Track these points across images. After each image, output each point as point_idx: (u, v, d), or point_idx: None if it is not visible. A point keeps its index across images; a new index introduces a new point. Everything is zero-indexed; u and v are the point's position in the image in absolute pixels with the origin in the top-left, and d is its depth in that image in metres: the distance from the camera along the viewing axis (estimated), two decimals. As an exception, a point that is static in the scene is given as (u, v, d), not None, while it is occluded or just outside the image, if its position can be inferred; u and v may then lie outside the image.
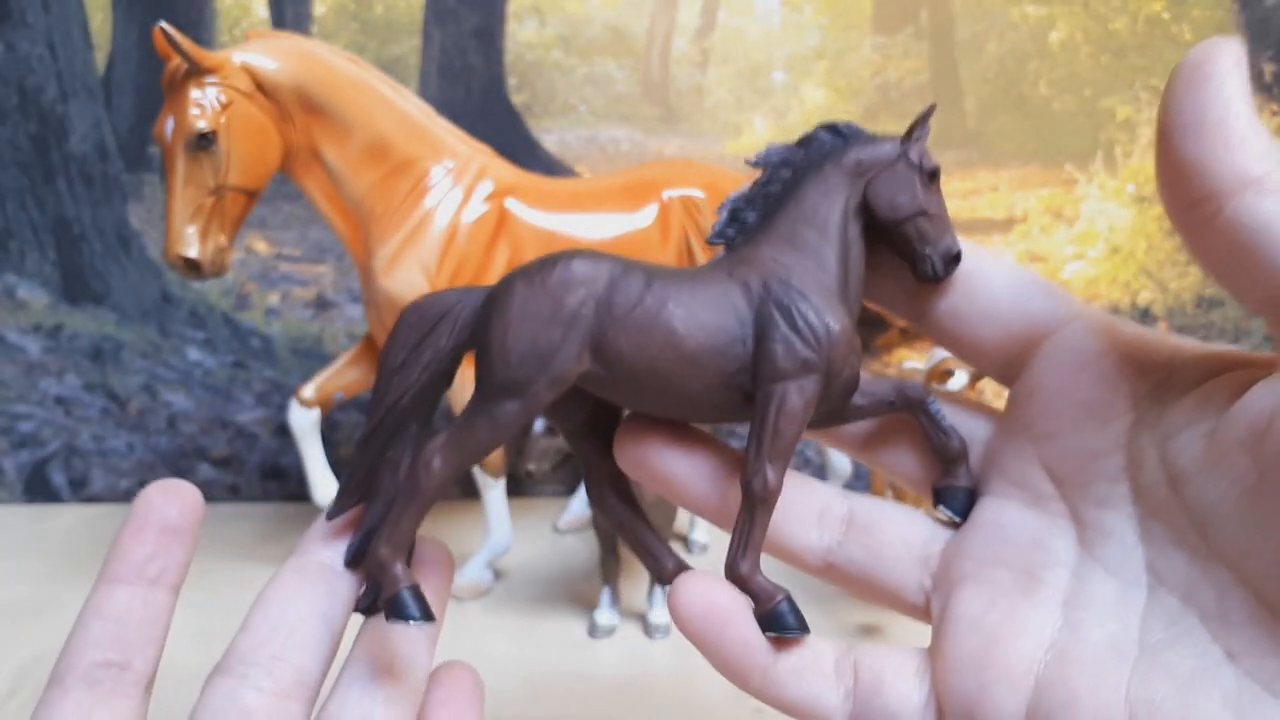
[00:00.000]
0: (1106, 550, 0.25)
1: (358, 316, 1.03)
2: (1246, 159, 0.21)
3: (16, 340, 1.03)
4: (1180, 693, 0.22)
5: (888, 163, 0.28)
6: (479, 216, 0.77)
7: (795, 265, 0.27)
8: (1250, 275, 0.21)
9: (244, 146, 0.72)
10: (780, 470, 0.26)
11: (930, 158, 0.28)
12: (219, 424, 1.05)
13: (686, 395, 0.27)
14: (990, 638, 0.26)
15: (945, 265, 0.27)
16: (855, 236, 0.28)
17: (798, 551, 0.29)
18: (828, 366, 0.26)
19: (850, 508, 0.29)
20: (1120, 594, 0.25)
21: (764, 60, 1.01)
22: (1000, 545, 0.27)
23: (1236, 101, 0.21)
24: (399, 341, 0.29)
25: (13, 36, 0.95)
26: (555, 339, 0.26)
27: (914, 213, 0.27)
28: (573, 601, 0.81)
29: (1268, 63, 0.99)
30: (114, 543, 0.28)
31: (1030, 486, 0.27)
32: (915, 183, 0.27)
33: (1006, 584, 0.26)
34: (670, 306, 0.26)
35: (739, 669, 0.27)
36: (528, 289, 0.27)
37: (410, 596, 0.27)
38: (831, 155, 0.28)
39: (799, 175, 0.28)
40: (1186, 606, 0.23)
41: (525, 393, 0.26)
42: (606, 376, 0.27)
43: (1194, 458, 0.23)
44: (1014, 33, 1.00)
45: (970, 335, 0.28)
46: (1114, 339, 0.26)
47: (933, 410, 0.28)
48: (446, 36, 0.98)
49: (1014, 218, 1.03)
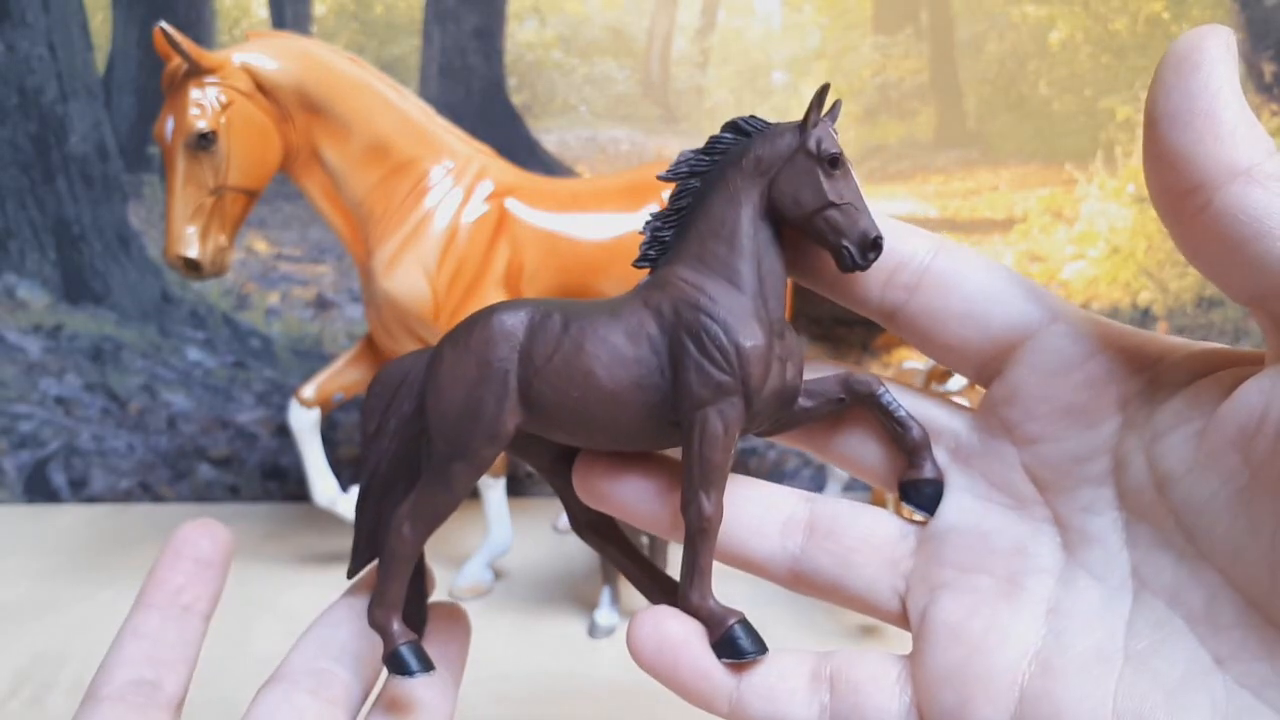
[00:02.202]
0: (1091, 555, 0.25)
1: (358, 316, 1.03)
2: (1235, 149, 0.20)
3: (16, 340, 1.03)
4: (1169, 701, 0.22)
5: (787, 156, 0.26)
6: (479, 216, 0.77)
7: (704, 283, 0.26)
8: (1239, 268, 0.21)
9: (244, 146, 0.72)
10: (715, 496, 0.26)
11: (831, 142, 0.26)
12: (219, 424, 1.05)
13: (619, 430, 0.27)
14: (972, 648, 0.25)
15: (863, 254, 0.25)
16: (766, 241, 0.26)
17: (762, 563, 0.28)
18: (745, 386, 0.25)
19: (813, 512, 0.28)
20: (1105, 600, 0.24)
21: (764, 60, 1.01)
22: (981, 551, 0.26)
23: (1225, 91, 0.21)
24: (369, 410, 0.30)
25: (13, 36, 0.95)
26: (485, 398, 0.26)
27: (819, 206, 0.26)
28: (573, 601, 0.81)
29: (1268, 63, 0.99)
30: (151, 571, 0.29)
31: (1012, 490, 0.26)
32: (817, 174, 0.26)
33: (988, 591, 0.26)
34: (587, 347, 0.26)
35: (702, 698, 0.26)
36: (454, 352, 0.27)
37: (408, 652, 0.28)
38: (733, 158, 0.27)
39: (706, 184, 0.27)
40: (1173, 610, 0.23)
41: (467, 453, 0.27)
42: (542, 424, 0.27)
43: (1183, 458, 0.23)
44: (1014, 33, 1.00)
45: (945, 336, 0.27)
46: (1100, 340, 0.25)
47: (884, 401, 0.27)
48: (446, 36, 0.98)
49: (1014, 218, 1.03)
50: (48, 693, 0.69)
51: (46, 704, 0.68)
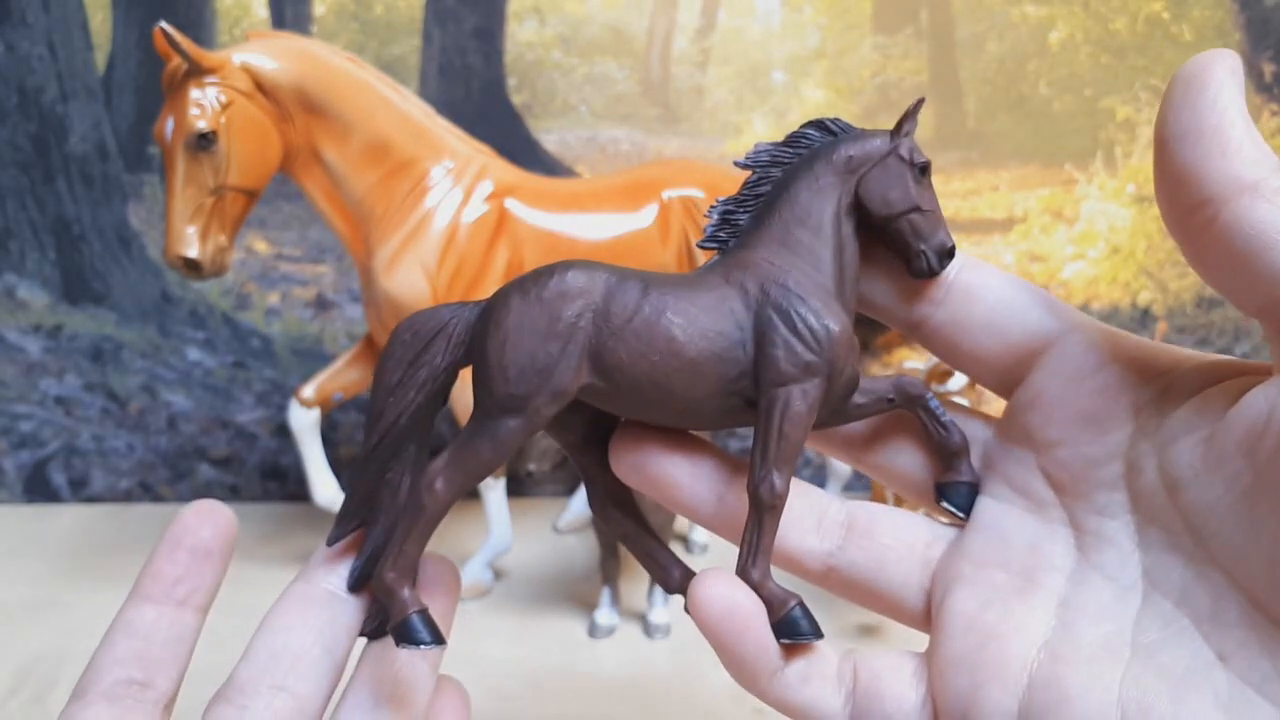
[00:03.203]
0: (1103, 556, 0.25)
1: (358, 316, 1.03)
2: (1242, 165, 0.21)
3: (16, 340, 1.03)
4: (1172, 692, 0.22)
5: (878, 159, 0.27)
6: (479, 216, 0.77)
7: (791, 267, 0.27)
8: (1247, 281, 0.21)
9: (244, 146, 0.72)
10: (787, 476, 0.26)
11: (920, 152, 0.28)
12: (219, 424, 1.05)
13: (688, 403, 0.27)
14: (985, 636, 0.26)
15: (940, 260, 0.27)
16: (849, 235, 0.28)
17: (799, 557, 0.29)
18: (830, 368, 0.26)
19: (850, 512, 0.29)
20: (1116, 598, 0.25)
21: (764, 60, 1.01)
22: (998, 548, 0.27)
23: (1232, 110, 0.22)
24: (394, 359, 0.28)
25: (13, 36, 0.95)
26: (554, 353, 0.26)
27: (907, 209, 0.27)
28: (573, 601, 0.81)
29: (1268, 63, 0.99)
30: (147, 561, 0.28)
31: (1030, 493, 0.27)
32: (907, 178, 0.27)
33: (1003, 586, 0.27)
34: (669, 314, 0.26)
35: (751, 672, 0.27)
36: (523, 303, 0.26)
37: (420, 621, 0.27)
38: (821, 153, 0.28)
39: (789, 175, 0.28)
40: (1180, 610, 0.23)
41: (526, 409, 0.26)
42: (607, 387, 0.26)
43: (1191, 463, 0.23)
44: (1014, 33, 1.00)
45: (968, 346, 0.28)
46: (1114, 351, 0.26)
47: (932, 405, 0.28)
48: (446, 36, 0.98)
49: (1014, 218, 1.03)
50: (48, 693, 0.69)
51: (46, 704, 0.68)
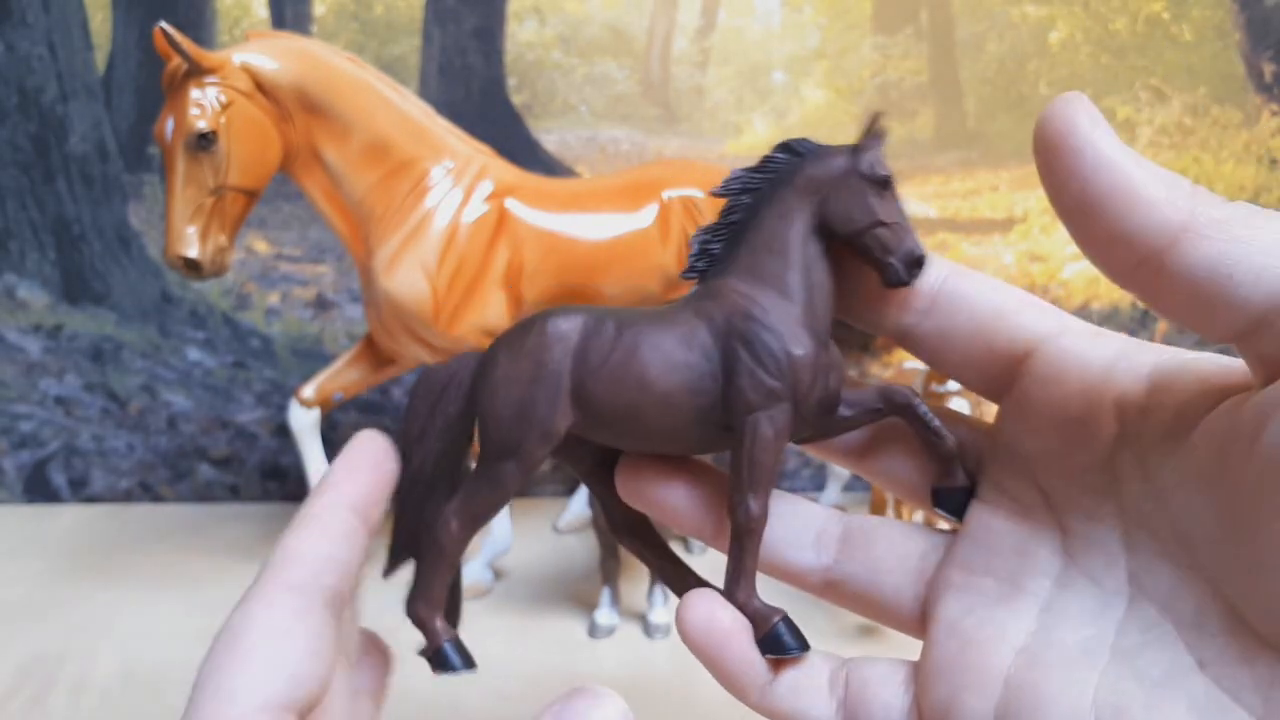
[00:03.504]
0: (1090, 560, 0.25)
1: (358, 316, 1.03)
2: (1163, 210, 0.21)
3: (16, 340, 1.03)
4: (1148, 697, 0.22)
5: (840, 177, 0.28)
6: (479, 216, 0.77)
7: (757, 295, 0.28)
8: (1209, 316, 0.21)
9: (244, 146, 0.72)
10: (762, 499, 0.27)
11: (881, 165, 0.28)
12: (219, 424, 1.05)
13: (666, 433, 0.28)
14: (965, 642, 0.26)
15: (909, 270, 0.27)
16: (816, 255, 0.28)
17: (798, 572, 0.30)
18: (795, 393, 0.27)
19: (846, 525, 0.30)
20: (1100, 602, 0.25)
21: (764, 60, 1.01)
22: (987, 554, 0.27)
23: (1118, 157, 0.21)
24: (415, 412, 0.31)
25: (13, 36, 0.95)
26: (539, 398, 0.28)
27: (869, 224, 0.27)
28: (573, 601, 0.81)
29: (1268, 63, 0.99)
30: (329, 474, 0.28)
31: (1020, 498, 0.27)
32: (868, 193, 0.27)
33: (989, 592, 0.26)
34: (641, 351, 0.28)
35: (739, 685, 0.28)
36: (509, 355, 0.29)
37: (451, 649, 0.29)
38: (786, 176, 0.28)
39: (758, 200, 0.29)
40: (1164, 616, 0.23)
41: (519, 453, 0.28)
42: (592, 425, 0.28)
43: (1175, 470, 0.23)
44: (1014, 33, 1.00)
45: (956, 354, 0.28)
46: (1098, 352, 0.26)
47: (920, 411, 0.28)
48: (446, 36, 0.98)
49: (1014, 218, 1.03)
50: (48, 693, 0.69)
51: (46, 704, 0.68)
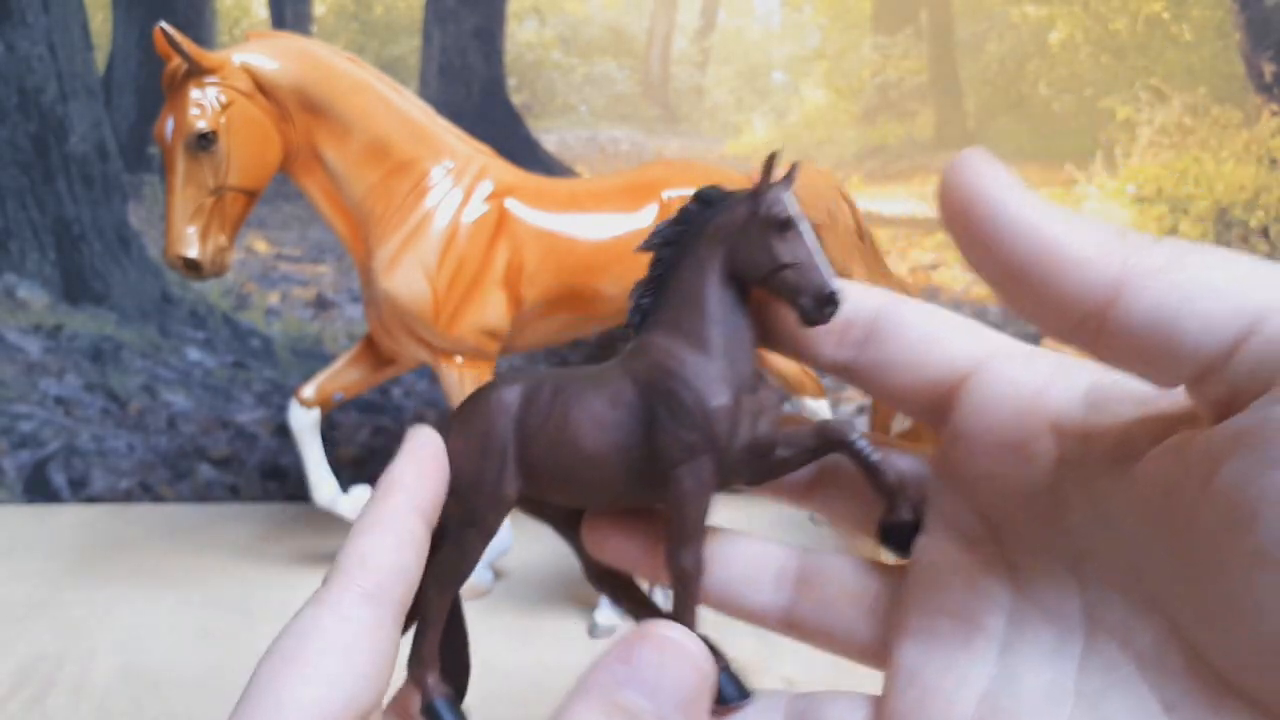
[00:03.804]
0: (1042, 594, 0.24)
1: (358, 316, 1.03)
2: (1096, 268, 0.20)
3: (16, 340, 1.03)
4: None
5: (743, 224, 0.28)
6: (479, 216, 0.77)
7: (675, 349, 0.28)
8: (1158, 366, 0.20)
9: (244, 147, 0.72)
10: (693, 551, 0.27)
11: (781, 207, 0.27)
12: (219, 424, 1.05)
13: (604, 491, 0.29)
14: (925, 689, 0.25)
15: (819, 308, 0.26)
16: (731, 304, 0.28)
17: (758, 613, 0.29)
18: (714, 444, 0.27)
19: (802, 563, 0.29)
20: (1057, 639, 0.24)
21: (764, 60, 1.01)
22: (939, 592, 0.26)
23: (1034, 218, 0.20)
24: None
25: (13, 36, 0.95)
26: (488, 469, 0.29)
27: (773, 269, 0.27)
28: (573, 601, 0.81)
29: (1268, 63, 0.99)
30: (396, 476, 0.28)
31: (964, 529, 0.26)
32: (769, 238, 0.27)
33: (945, 634, 0.25)
34: (571, 414, 0.28)
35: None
36: (460, 429, 0.30)
37: (443, 706, 0.30)
38: (698, 227, 0.29)
39: (677, 253, 0.29)
40: (1124, 653, 0.22)
41: (476, 520, 0.29)
42: (538, 487, 0.29)
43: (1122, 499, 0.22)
44: (1014, 33, 1.00)
45: (894, 385, 0.27)
46: (1031, 374, 0.25)
47: (858, 447, 0.27)
48: (446, 36, 0.98)
49: (1014, 218, 1.03)
50: (48, 693, 0.69)
51: (46, 704, 0.68)
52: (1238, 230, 1.02)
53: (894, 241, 1.04)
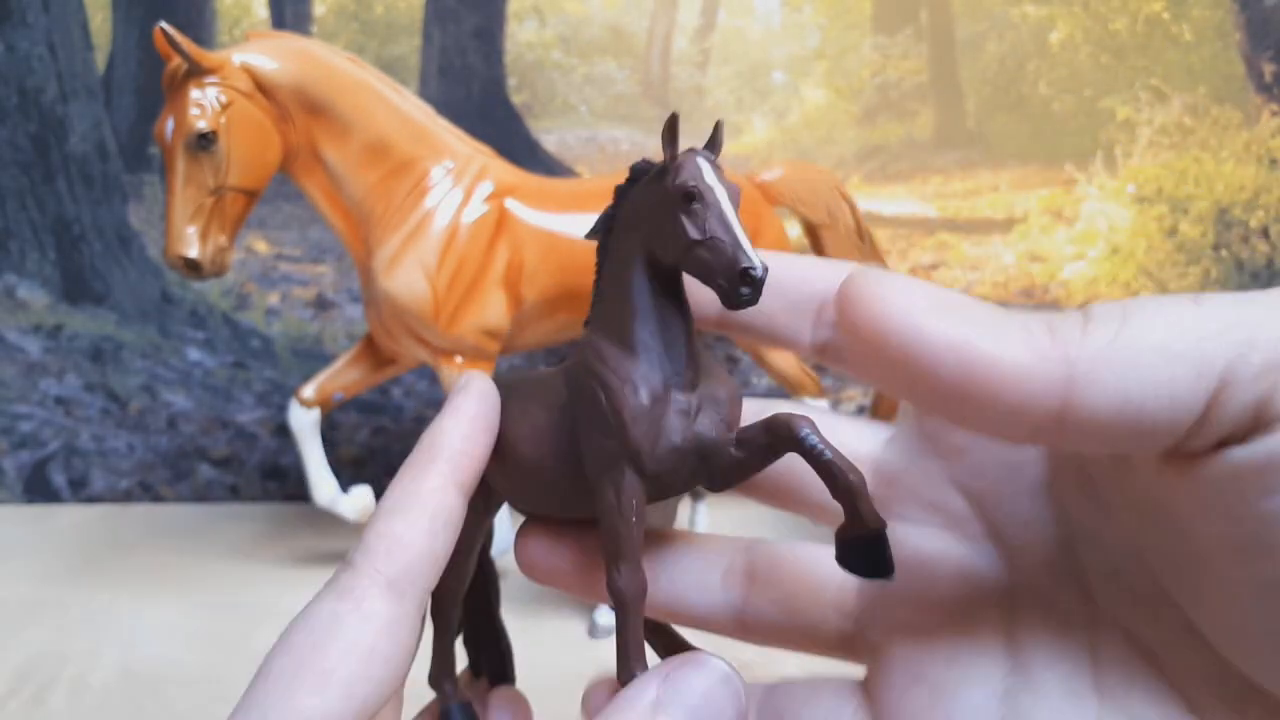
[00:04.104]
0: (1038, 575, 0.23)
1: (358, 316, 1.03)
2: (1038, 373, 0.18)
3: (16, 340, 1.03)
4: None
5: (656, 202, 0.24)
6: (479, 216, 0.77)
7: (600, 346, 0.24)
8: (1132, 443, 0.19)
9: (244, 147, 0.72)
10: (626, 568, 0.24)
11: (687, 175, 0.23)
12: (219, 424, 1.05)
13: (553, 498, 0.27)
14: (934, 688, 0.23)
15: (738, 288, 0.22)
16: (658, 293, 0.24)
17: (705, 617, 0.27)
18: (630, 449, 0.23)
19: (751, 560, 0.27)
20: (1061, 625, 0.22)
21: (764, 60, 1.01)
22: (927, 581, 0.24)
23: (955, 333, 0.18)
24: None
25: (13, 36, 0.95)
26: None
27: (684, 248, 0.23)
28: (573, 601, 0.81)
29: (1268, 63, 0.99)
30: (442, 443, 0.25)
31: (944, 508, 0.24)
32: (678, 215, 0.23)
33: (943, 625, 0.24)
34: (513, 419, 0.26)
35: None
36: None
37: (457, 711, 0.30)
38: (621, 209, 0.25)
39: (609, 240, 0.26)
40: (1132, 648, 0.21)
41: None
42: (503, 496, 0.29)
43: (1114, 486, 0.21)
44: (1014, 33, 1.00)
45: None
46: None
47: (807, 445, 0.23)
48: (446, 36, 0.98)
49: (1014, 218, 1.03)
50: (48, 693, 0.69)
51: (46, 704, 0.68)
52: (1238, 230, 1.02)
53: (894, 241, 1.04)
